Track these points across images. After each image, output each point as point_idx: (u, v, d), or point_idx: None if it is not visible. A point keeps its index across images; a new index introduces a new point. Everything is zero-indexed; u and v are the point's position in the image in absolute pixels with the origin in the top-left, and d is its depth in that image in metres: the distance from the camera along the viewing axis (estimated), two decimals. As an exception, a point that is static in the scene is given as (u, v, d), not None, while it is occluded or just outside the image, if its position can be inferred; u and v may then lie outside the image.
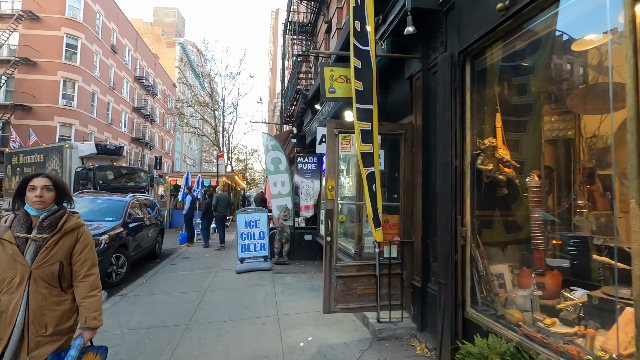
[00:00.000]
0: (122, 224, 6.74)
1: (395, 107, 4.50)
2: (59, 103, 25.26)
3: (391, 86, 4.76)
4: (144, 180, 13.92)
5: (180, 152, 55.55)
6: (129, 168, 14.31)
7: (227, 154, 21.81)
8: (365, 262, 3.97)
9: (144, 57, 39.32)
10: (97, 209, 7.03)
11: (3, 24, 24.96)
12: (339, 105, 4.68)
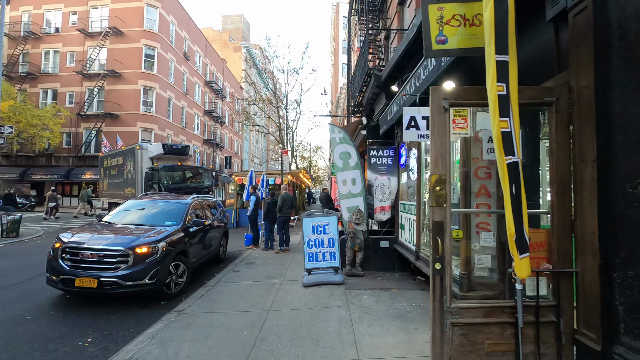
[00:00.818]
0: (182, 228, 6.21)
1: (526, 66, 3.04)
2: (140, 110, 27.29)
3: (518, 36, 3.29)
4: (207, 179, 13.87)
5: (248, 151, 57.65)
6: (192, 168, 14.39)
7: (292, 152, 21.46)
8: (497, 303, 2.63)
9: (213, 62, 41.19)
10: (158, 212, 6.63)
11: (93, 41, 27.71)
12: (437, 73, 3.38)
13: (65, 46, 28.26)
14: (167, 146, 13.81)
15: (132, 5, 27.56)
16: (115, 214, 6.58)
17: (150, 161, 13.27)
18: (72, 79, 27.88)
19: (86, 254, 4.99)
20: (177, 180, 13.49)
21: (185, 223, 6.39)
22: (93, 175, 25.14)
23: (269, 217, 9.80)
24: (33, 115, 23.78)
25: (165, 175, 12.69)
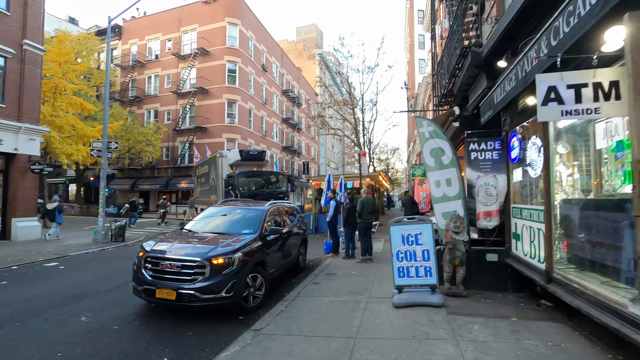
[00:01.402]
0: (259, 236, 5.82)
1: None
2: (225, 121, 29.19)
3: None
4: (283, 185, 13.78)
5: (325, 156, 58.19)
6: (267, 173, 14.37)
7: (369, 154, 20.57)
8: None
9: (289, 72, 42.52)
10: (235, 220, 6.39)
11: (185, 63, 30.60)
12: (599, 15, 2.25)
13: (163, 70, 31.75)
14: (244, 152, 14.08)
15: (216, 26, 29.75)
16: (196, 221, 6.52)
17: (230, 168, 13.65)
18: (169, 98, 31.16)
19: (166, 264, 4.84)
20: (253, 186, 13.53)
21: (262, 231, 5.99)
22: (187, 184, 27.56)
23: (350, 223, 9.08)
24: (139, 132, 27.08)
25: (241, 182, 12.87)
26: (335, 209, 9.78)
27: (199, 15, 30.45)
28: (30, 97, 12.69)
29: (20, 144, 12.27)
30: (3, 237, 12.10)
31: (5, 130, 11.83)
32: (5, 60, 11.99)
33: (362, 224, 8.67)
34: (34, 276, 7.56)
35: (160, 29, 32.21)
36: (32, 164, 12.64)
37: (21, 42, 12.43)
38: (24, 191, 12.52)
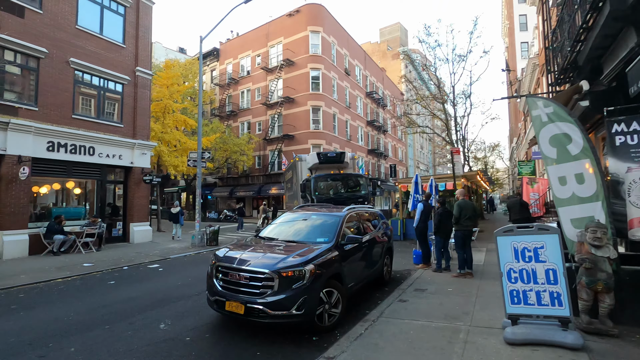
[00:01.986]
0: (335, 246, 5.19)
1: None
2: (310, 128, 29.71)
3: None
4: (363, 188, 12.72)
5: (413, 158, 55.38)
6: (345, 176, 13.48)
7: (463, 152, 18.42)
8: None
9: (372, 73, 41.61)
10: (309, 227, 5.87)
11: (272, 75, 32.22)
12: None
13: (254, 84, 33.98)
14: (321, 155, 13.62)
15: (299, 36, 30.65)
16: (270, 228, 6.21)
17: (309, 172, 13.36)
18: (259, 110, 33.15)
19: (234, 274, 4.54)
20: (330, 190, 12.94)
21: (339, 239, 5.34)
22: (277, 190, 28.76)
23: (442, 231, 7.84)
24: (234, 143, 29.32)
25: (317, 186, 12.37)
26: (423, 214, 8.61)
27: (284, 28, 31.81)
28: (142, 116, 14.48)
29: (135, 158, 14.04)
30: (124, 239, 13.92)
31: (124, 146, 13.65)
32: (123, 86, 13.89)
33: (460, 231, 7.38)
34: (137, 277, 8.24)
35: (250, 46, 34.64)
36: (144, 175, 14.35)
37: (134, 69, 14.28)
38: (139, 199, 14.27)
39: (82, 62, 12.42)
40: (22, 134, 10.67)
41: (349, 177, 13.19)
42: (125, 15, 14.11)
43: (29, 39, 11.10)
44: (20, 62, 11.01)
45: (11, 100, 10.72)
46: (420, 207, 8.60)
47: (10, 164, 10.47)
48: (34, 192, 11.55)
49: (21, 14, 10.96)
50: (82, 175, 12.61)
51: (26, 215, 10.82)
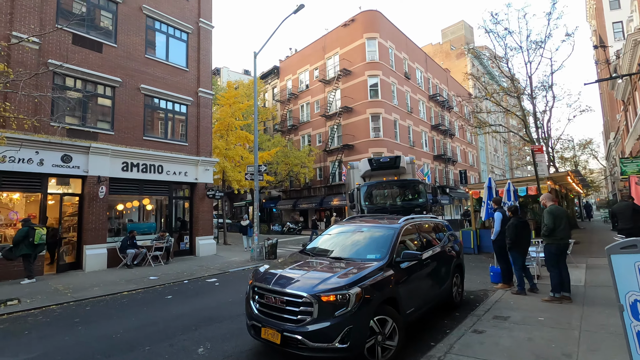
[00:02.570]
0: (389, 263, 4.40)
1: None
2: (370, 136, 28.87)
3: None
4: (421, 195, 11.22)
5: (486, 162, 50.94)
6: (399, 182, 12.12)
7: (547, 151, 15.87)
8: None
9: (435, 75, 39.48)
10: (359, 242, 5.14)
11: (330, 87, 32.24)
12: None
13: (313, 97, 34.35)
14: (373, 161, 12.53)
15: (355, 45, 30.30)
16: (317, 242, 5.61)
17: (363, 180, 12.55)
18: (319, 122, 33.31)
19: (270, 297, 4.01)
20: (381, 199, 11.72)
21: (393, 256, 4.54)
22: (339, 202, 28.28)
23: (520, 246, 6.52)
24: (295, 156, 29.72)
25: (366, 194, 11.37)
26: (502, 224, 7.29)
27: (340, 38, 31.78)
28: (204, 134, 15.17)
29: (199, 174, 14.69)
30: (191, 252, 14.52)
31: (189, 164, 14.37)
32: (187, 107, 14.73)
33: (553, 244, 6.00)
34: (193, 292, 8.25)
35: (308, 61, 35.26)
36: (208, 190, 14.92)
37: (197, 90, 15.09)
38: (203, 214, 14.85)
39: (151, 88, 13.42)
40: (101, 157, 11.72)
41: (403, 184, 11.84)
42: (187, 41, 15.06)
43: (107, 70, 12.29)
44: (99, 92, 12.21)
45: (92, 126, 11.89)
46: (498, 216, 7.30)
47: (91, 184, 11.52)
48: (111, 209, 12.58)
49: (100, 49, 12.21)
50: (153, 192, 13.47)
51: (105, 230, 11.77)
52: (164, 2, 14.29)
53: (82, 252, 11.35)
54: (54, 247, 11.68)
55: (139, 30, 13.37)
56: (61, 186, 11.49)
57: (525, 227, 6.57)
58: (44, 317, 6.40)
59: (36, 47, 10.72)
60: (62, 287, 8.76)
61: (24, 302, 7.37)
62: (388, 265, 4.40)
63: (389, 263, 4.42)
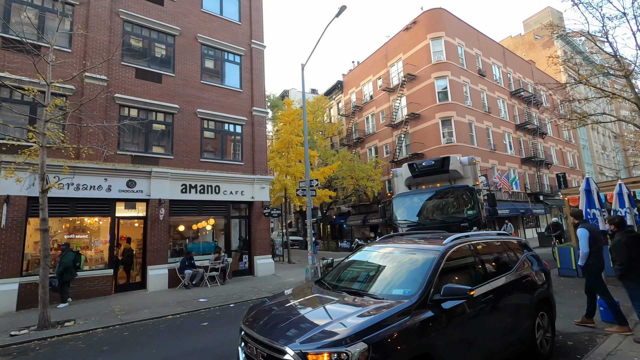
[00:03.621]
0: (422, 302, 3.14)
1: None
2: (441, 142, 26.38)
3: None
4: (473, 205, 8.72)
5: (592, 163, 43.12)
6: (440, 190, 9.66)
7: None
8: None
9: (516, 70, 35.11)
10: (386, 271, 3.91)
11: (395, 95, 30.68)
12: None
13: (377, 107, 33.11)
14: (415, 165, 10.42)
15: (419, 47, 28.46)
16: (338, 270, 4.50)
17: (408, 189, 10.72)
18: (385, 132, 31.81)
19: (252, 347, 3.07)
20: (420, 212, 9.52)
21: (430, 292, 3.25)
22: (409, 215, 26.18)
23: (634, 273, 4.53)
24: (360, 169, 28.61)
25: (400, 207, 9.42)
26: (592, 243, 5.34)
27: (402, 44, 30.26)
28: (259, 152, 15.16)
29: (255, 192, 14.61)
30: (250, 272, 14.34)
31: (245, 182, 14.40)
32: (241, 127, 14.93)
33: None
34: (230, 319, 7.70)
35: (370, 71, 34.32)
36: (264, 208, 14.73)
37: (250, 109, 15.25)
38: (260, 232, 14.64)
39: (206, 111, 13.88)
40: (161, 180, 12.27)
41: (445, 192, 9.52)
42: (240, 62, 15.41)
43: (166, 99, 13.03)
44: (159, 119, 12.95)
45: (153, 152, 12.59)
46: (583, 233, 5.45)
47: (153, 207, 12.09)
48: (173, 230, 13.05)
49: (159, 80, 13.04)
50: (211, 213, 13.69)
51: (165, 251, 12.18)
52: (217, 28, 14.88)
53: (146, 272, 11.84)
54: (129, 266, 12.49)
55: (194, 58, 14.03)
56: (129, 210, 12.26)
57: (636, 241, 4.59)
58: (82, 342, 6.41)
59: (104, 84, 11.78)
60: (117, 309, 9.01)
61: (77, 324, 7.62)
62: (421, 304, 3.15)
63: (422, 302, 3.17)
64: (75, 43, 11.52)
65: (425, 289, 3.27)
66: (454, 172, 9.82)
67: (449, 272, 3.69)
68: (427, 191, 9.87)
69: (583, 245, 5.56)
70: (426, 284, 3.32)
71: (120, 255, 12.17)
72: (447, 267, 3.68)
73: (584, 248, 5.54)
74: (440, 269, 3.53)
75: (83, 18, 11.79)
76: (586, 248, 5.51)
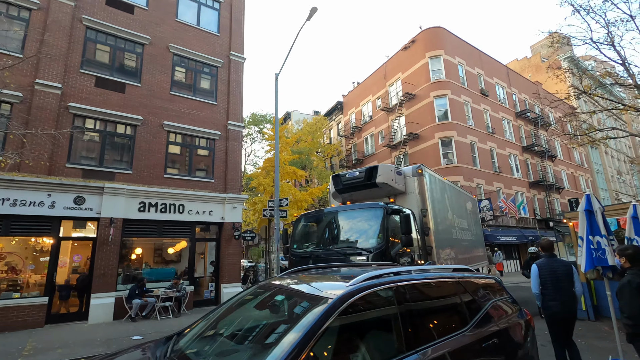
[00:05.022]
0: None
1: None
2: (441, 163, 24.94)
3: None
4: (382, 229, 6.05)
5: (607, 188, 40.80)
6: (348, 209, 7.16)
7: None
8: None
9: (522, 90, 33.89)
10: (257, 327, 2.52)
11: (394, 115, 29.63)
12: None
13: (376, 128, 32.05)
14: (339, 178, 8.19)
15: (418, 66, 27.62)
16: (207, 321, 3.07)
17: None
18: (384, 153, 30.53)
19: None
20: (321, 239, 7.12)
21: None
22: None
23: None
24: (356, 191, 27.15)
25: (299, 232, 7.10)
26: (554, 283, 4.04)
27: (401, 63, 29.53)
28: (233, 169, 13.97)
29: (225, 213, 13.30)
30: (216, 301, 12.80)
31: (214, 201, 13.14)
32: (214, 141, 13.84)
33: None
34: None
35: (370, 91, 33.55)
36: (234, 230, 13.35)
37: (225, 123, 14.21)
38: (229, 257, 13.20)
39: (174, 124, 12.87)
40: (115, 197, 11.10)
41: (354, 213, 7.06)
42: (217, 74, 14.54)
43: (128, 110, 12.09)
44: (119, 131, 11.95)
45: (108, 166, 11.49)
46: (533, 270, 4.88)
47: (103, 227, 10.85)
48: (128, 253, 11.73)
49: (122, 89, 12.15)
50: (173, 234, 12.37)
51: (114, 277, 10.81)
52: (192, 39, 14.13)
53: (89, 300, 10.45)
54: (84, 293, 11.10)
55: (164, 69, 13.19)
56: (78, 229, 11.05)
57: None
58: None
59: (58, 92, 10.89)
60: (30, 347, 7.59)
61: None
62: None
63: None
64: (28, 48, 10.75)
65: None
66: (384, 186, 7.50)
67: (351, 334, 2.27)
68: (332, 212, 7.46)
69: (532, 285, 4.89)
70: (291, 354, 1.89)
71: (74, 281, 10.85)
72: (348, 324, 2.27)
73: (533, 288, 4.84)
74: (325, 328, 2.09)
75: (41, 23, 11.09)
76: (535, 288, 4.79)
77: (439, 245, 7.68)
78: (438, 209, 8.31)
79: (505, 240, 24.69)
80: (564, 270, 4.69)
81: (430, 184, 8.07)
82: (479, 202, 23.38)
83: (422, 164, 8.25)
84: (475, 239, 11.81)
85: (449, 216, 9.30)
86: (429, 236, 7.39)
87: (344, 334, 2.29)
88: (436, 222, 7.84)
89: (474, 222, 12.27)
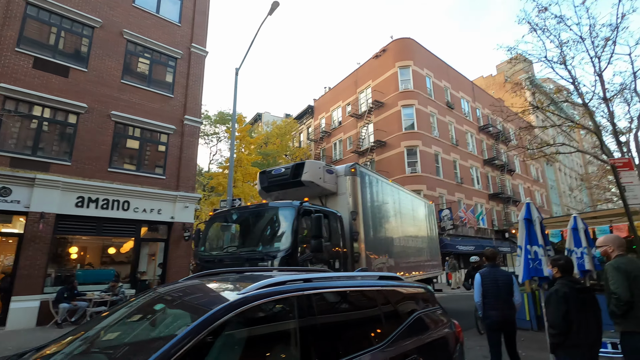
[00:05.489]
0: None
1: None
2: (406, 172, 25.24)
3: None
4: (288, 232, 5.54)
5: (560, 203, 43.12)
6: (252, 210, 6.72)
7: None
8: None
9: (485, 105, 35.21)
10: (141, 333, 2.07)
11: (362, 121, 29.79)
12: None
13: (345, 134, 32.08)
14: (265, 175, 7.53)
15: (387, 75, 27.97)
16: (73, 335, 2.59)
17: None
18: (351, 159, 30.52)
19: None
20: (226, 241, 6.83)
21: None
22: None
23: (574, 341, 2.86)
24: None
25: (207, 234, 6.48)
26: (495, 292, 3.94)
27: (371, 71, 29.80)
28: (187, 167, 13.25)
29: (176, 212, 12.54)
30: (160, 307, 11.93)
31: (164, 199, 12.35)
32: (168, 136, 13.07)
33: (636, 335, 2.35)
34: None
35: (340, 97, 33.61)
36: (185, 231, 12.60)
37: (182, 118, 13.48)
38: (177, 260, 12.42)
39: (123, 115, 12.00)
40: (48, 190, 10.10)
41: (258, 214, 6.60)
42: (175, 66, 13.80)
43: (71, 96, 11.12)
44: (59, 118, 10.95)
45: (43, 156, 10.47)
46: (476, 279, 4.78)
47: (32, 222, 9.81)
48: (60, 252, 10.70)
49: (65, 73, 11.18)
50: (114, 233, 11.46)
51: (40, 278, 9.77)
52: (150, 27, 13.34)
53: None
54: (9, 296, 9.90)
55: (116, 55, 12.31)
56: (1, 224, 9.93)
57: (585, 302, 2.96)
58: None
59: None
60: None
61: None
62: None
63: None
64: (-48, 20, 9.62)
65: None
66: (312, 185, 6.81)
67: (233, 354, 1.87)
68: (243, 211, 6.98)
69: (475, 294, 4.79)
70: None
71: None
72: (232, 341, 1.87)
73: (475, 297, 4.76)
74: (194, 346, 1.68)
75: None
76: (477, 297, 4.72)
77: (372, 251, 7.16)
78: (374, 212, 7.70)
79: (464, 249, 25.27)
80: (504, 281, 4.62)
81: (365, 186, 7.43)
82: (440, 212, 23.82)
83: (357, 163, 7.58)
84: (427, 246, 11.26)
85: (392, 221, 8.81)
86: (357, 242, 6.79)
87: (226, 352, 1.89)
88: (368, 226, 7.20)
89: (428, 229, 11.80)
